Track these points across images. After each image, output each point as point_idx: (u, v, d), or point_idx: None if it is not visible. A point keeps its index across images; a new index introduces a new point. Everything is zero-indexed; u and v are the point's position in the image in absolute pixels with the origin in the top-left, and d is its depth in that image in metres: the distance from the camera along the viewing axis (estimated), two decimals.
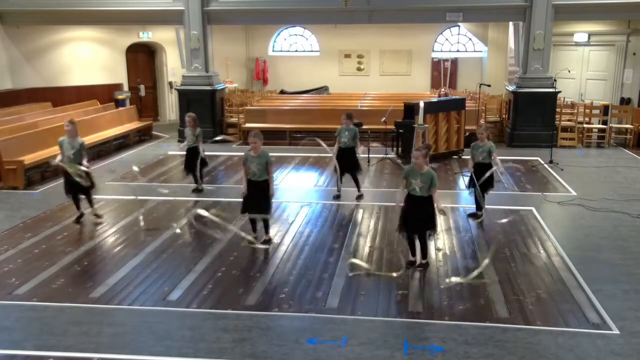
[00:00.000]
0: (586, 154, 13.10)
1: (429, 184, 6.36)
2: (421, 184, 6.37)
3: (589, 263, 6.74)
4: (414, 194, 6.45)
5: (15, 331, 5.24)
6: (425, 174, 6.38)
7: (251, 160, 7.06)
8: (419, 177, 6.38)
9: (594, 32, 15.99)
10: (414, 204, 6.48)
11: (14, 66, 15.03)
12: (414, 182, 6.41)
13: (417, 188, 6.40)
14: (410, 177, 6.45)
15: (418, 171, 6.41)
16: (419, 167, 6.41)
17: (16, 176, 10.13)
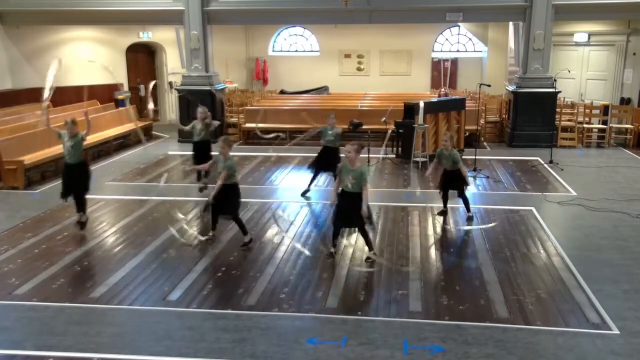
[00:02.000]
0: (586, 154, 13.10)
1: (360, 180, 6.48)
2: (353, 180, 6.50)
3: (589, 263, 6.74)
4: (347, 190, 6.59)
5: (15, 331, 5.24)
6: (356, 170, 6.51)
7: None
8: (351, 174, 6.52)
9: (594, 32, 16.00)
10: (346, 200, 6.62)
11: (14, 66, 15.02)
12: (345, 179, 6.55)
13: (349, 184, 6.53)
14: (343, 173, 6.60)
15: (350, 167, 6.55)
16: (351, 162, 6.54)
17: (16, 176, 10.13)
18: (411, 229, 7.93)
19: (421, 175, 10.85)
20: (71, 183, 7.82)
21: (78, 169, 7.80)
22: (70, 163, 7.75)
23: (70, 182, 7.83)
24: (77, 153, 7.74)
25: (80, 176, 7.83)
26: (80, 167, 7.83)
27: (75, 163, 7.76)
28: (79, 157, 7.79)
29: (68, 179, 7.84)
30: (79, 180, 7.83)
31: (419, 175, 10.91)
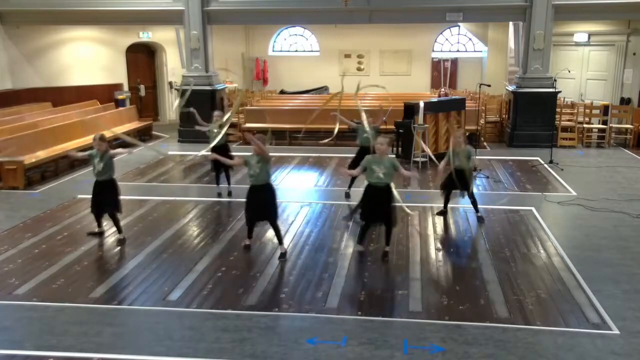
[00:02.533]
0: (586, 154, 13.09)
1: (391, 169, 6.51)
2: (384, 170, 6.51)
3: (589, 263, 6.74)
4: (377, 183, 6.58)
5: (15, 331, 5.24)
6: (385, 160, 6.54)
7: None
8: (381, 164, 6.52)
9: (594, 32, 16.00)
10: (375, 194, 6.61)
11: (14, 66, 15.03)
12: (376, 169, 6.52)
13: (380, 174, 6.52)
14: (373, 164, 6.57)
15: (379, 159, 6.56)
16: (381, 155, 6.56)
17: (16, 176, 10.13)
18: (411, 229, 7.93)
19: (427, 176, 10.84)
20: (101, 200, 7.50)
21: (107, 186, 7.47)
22: (100, 180, 7.45)
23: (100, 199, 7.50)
24: (109, 171, 7.45)
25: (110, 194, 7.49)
26: (110, 183, 7.50)
27: (105, 180, 7.45)
28: (110, 175, 7.48)
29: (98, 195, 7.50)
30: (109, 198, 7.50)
31: (418, 175, 10.89)
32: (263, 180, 6.85)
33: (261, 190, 6.87)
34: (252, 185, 6.93)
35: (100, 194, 7.48)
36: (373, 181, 6.62)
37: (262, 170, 6.79)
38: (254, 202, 6.94)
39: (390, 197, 6.69)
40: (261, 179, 6.83)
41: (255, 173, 6.79)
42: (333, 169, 11.56)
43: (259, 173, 6.79)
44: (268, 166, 6.87)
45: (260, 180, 6.83)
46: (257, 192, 6.89)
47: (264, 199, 6.88)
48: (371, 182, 6.65)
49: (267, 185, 6.91)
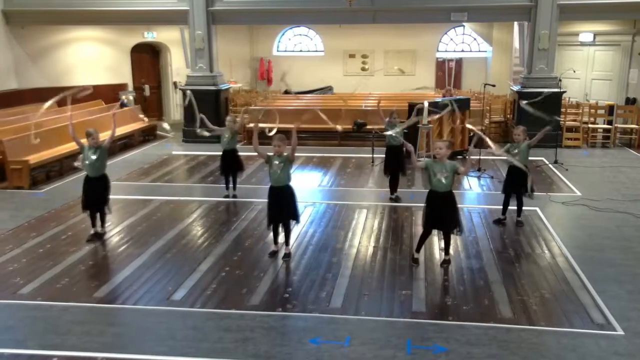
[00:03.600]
0: (591, 154, 13.05)
1: (452, 172, 6.33)
2: (446, 174, 6.34)
3: (593, 263, 6.71)
4: (439, 189, 6.41)
5: (19, 330, 5.26)
6: (447, 163, 6.36)
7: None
8: (443, 167, 6.35)
9: (599, 32, 15.94)
10: (438, 200, 6.45)
11: (19, 66, 15.08)
12: (438, 173, 6.35)
13: (442, 179, 6.35)
14: (435, 169, 6.39)
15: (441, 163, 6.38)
16: (442, 160, 6.38)
17: (21, 176, 10.17)
18: (415, 229, 7.91)
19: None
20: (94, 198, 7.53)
21: (99, 183, 7.50)
22: (92, 177, 7.45)
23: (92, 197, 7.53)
24: (101, 166, 7.47)
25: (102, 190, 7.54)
26: (102, 180, 7.53)
27: (97, 176, 7.46)
28: (102, 170, 7.50)
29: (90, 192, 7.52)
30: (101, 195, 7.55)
31: (422, 175, 10.87)
32: (282, 182, 6.81)
33: (280, 191, 6.83)
34: (272, 187, 6.90)
35: (93, 192, 7.51)
36: (435, 186, 6.45)
37: (283, 171, 6.75)
38: (275, 203, 6.89)
39: (452, 202, 6.52)
40: (281, 180, 6.79)
41: (276, 174, 6.76)
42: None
43: (280, 174, 6.75)
44: (289, 168, 6.85)
45: (280, 181, 6.80)
46: (277, 193, 6.85)
47: (283, 200, 6.84)
48: (433, 188, 6.49)
49: (286, 187, 6.86)
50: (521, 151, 7.82)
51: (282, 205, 6.84)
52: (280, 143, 6.72)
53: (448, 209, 6.50)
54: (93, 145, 7.39)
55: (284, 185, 6.84)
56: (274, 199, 6.87)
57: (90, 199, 7.54)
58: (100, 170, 7.50)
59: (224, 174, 9.53)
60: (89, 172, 7.47)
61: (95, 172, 7.46)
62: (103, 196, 7.58)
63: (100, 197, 7.56)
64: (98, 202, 7.59)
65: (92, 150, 7.39)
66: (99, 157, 7.42)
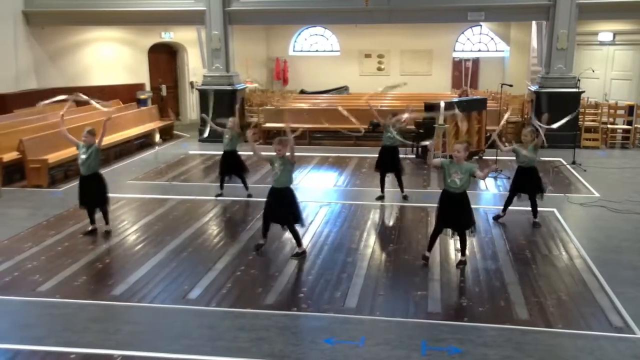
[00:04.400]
0: (610, 154, 12.89)
1: (468, 174, 6.32)
2: (461, 175, 6.33)
3: (612, 265, 6.63)
4: (453, 190, 6.41)
5: (38, 327, 5.32)
6: (462, 165, 6.35)
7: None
8: (458, 169, 6.34)
9: (619, 31, 15.73)
10: (452, 201, 6.45)
11: (39, 66, 15.27)
12: (453, 174, 6.36)
13: (457, 180, 6.35)
14: (450, 169, 6.40)
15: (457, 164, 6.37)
16: (459, 162, 6.36)
17: (40, 175, 10.31)
18: (430, 230, 7.85)
19: None
20: (89, 196, 7.69)
21: (92, 181, 7.64)
22: (84, 174, 7.60)
23: (86, 195, 7.70)
24: (92, 164, 7.59)
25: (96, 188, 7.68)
26: (95, 178, 7.66)
27: (89, 174, 7.60)
28: (94, 169, 7.64)
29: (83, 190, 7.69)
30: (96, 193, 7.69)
31: (438, 176, 10.82)
32: (282, 183, 6.82)
33: (280, 193, 6.85)
34: (272, 187, 6.94)
35: (87, 190, 7.65)
36: (449, 186, 6.46)
37: (284, 172, 6.77)
38: (272, 204, 6.95)
39: (465, 203, 6.50)
40: (281, 181, 6.81)
41: (277, 175, 6.79)
42: (353, 167, 11.52)
43: (280, 175, 6.78)
44: (291, 169, 6.85)
45: (280, 182, 6.82)
46: (276, 194, 6.88)
47: (282, 202, 6.86)
48: (446, 188, 6.51)
49: (286, 189, 6.87)
50: (530, 151, 7.77)
51: (281, 206, 6.88)
52: (281, 146, 6.74)
53: (460, 210, 6.47)
54: (86, 144, 7.55)
55: (285, 187, 6.86)
56: (273, 199, 6.93)
57: (85, 196, 7.71)
58: (92, 168, 7.63)
59: (220, 174, 9.55)
60: (81, 170, 7.65)
61: (87, 170, 7.61)
62: (98, 194, 7.72)
63: (96, 195, 7.71)
64: (94, 200, 7.74)
65: (85, 148, 7.56)
66: (90, 155, 7.56)
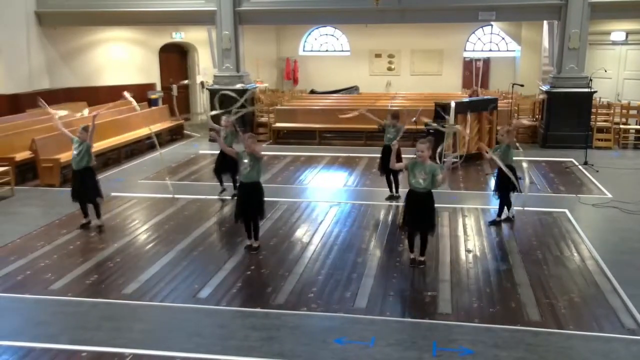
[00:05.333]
0: (622, 155, 12.79)
1: (432, 174, 6.34)
2: (425, 176, 6.36)
3: (625, 267, 6.58)
4: (417, 189, 6.44)
5: (50, 325, 5.36)
6: (427, 165, 6.38)
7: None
8: (423, 169, 6.37)
9: (631, 30, 15.61)
10: (416, 200, 6.48)
11: (52, 66, 15.40)
12: (417, 174, 6.39)
13: (420, 180, 6.38)
14: (415, 169, 6.43)
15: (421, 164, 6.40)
16: (424, 160, 6.39)
17: (52, 174, 10.39)
18: (441, 230, 7.86)
19: (458, 177, 10.75)
20: (80, 189, 7.96)
21: (83, 175, 7.91)
22: (75, 169, 7.90)
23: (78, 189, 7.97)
24: (83, 160, 7.85)
25: (88, 183, 7.94)
26: (86, 173, 7.92)
27: (80, 169, 7.88)
28: (85, 163, 7.89)
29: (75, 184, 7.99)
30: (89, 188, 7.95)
31: (449, 176, 10.78)
32: (252, 179, 6.99)
33: (249, 188, 7.00)
34: (242, 183, 7.11)
35: (80, 184, 7.92)
36: (414, 186, 6.49)
37: (253, 169, 6.93)
38: (242, 200, 7.09)
39: (430, 204, 6.50)
40: (251, 176, 6.97)
41: (246, 171, 6.95)
42: (363, 168, 11.51)
43: (249, 171, 6.93)
44: (259, 165, 6.99)
45: (249, 178, 6.98)
46: (246, 189, 7.03)
47: (250, 196, 7.02)
48: (412, 188, 6.53)
49: (256, 184, 7.03)
50: (502, 151, 7.81)
51: (250, 201, 7.02)
52: (251, 141, 6.88)
53: (424, 210, 6.48)
54: (80, 140, 7.82)
55: (254, 182, 7.01)
56: (241, 195, 7.10)
57: (76, 191, 7.97)
58: (83, 164, 7.87)
59: (215, 173, 9.52)
60: (73, 165, 7.94)
61: (78, 165, 7.88)
62: (90, 188, 7.96)
63: (88, 190, 7.95)
64: (86, 194, 7.99)
65: (77, 144, 7.84)
66: (80, 152, 7.83)
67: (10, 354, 4.86)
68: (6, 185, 9.83)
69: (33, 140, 10.59)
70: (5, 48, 13.91)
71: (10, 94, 13.90)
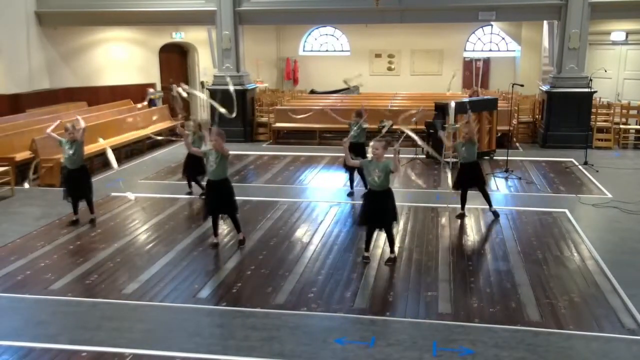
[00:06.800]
0: (622, 155, 12.79)
1: (386, 172, 6.40)
2: (379, 174, 6.42)
3: (625, 267, 6.58)
4: (374, 188, 6.53)
5: (50, 325, 5.36)
6: (380, 163, 6.44)
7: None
8: (377, 167, 6.44)
9: (632, 30, 15.61)
10: (374, 199, 6.56)
11: (52, 66, 15.40)
12: (372, 173, 6.46)
13: (376, 178, 6.45)
14: (370, 168, 6.51)
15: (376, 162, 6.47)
16: (378, 159, 6.45)
17: (52, 174, 10.38)
18: (441, 230, 7.86)
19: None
20: (75, 188, 8.11)
21: (79, 174, 8.08)
22: (71, 168, 8.01)
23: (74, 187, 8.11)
24: (78, 158, 8.01)
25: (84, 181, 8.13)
26: (82, 171, 8.13)
27: (76, 168, 8.03)
28: (80, 162, 8.09)
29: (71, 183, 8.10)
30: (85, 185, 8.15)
31: (450, 176, 10.80)
32: (219, 176, 7.07)
33: (218, 185, 7.08)
34: (210, 180, 7.16)
35: (75, 183, 8.06)
36: (371, 185, 6.62)
37: (219, 165, 6.99)
38: (213, 197, 7.18)
39: (387, 200, 6.59)
40: (217, 173, 7.05)
41: (212, 168, 7.00)
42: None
43: (216, 168, 6.99)
44: (225, 162, 7.07)
45: (216, 175, 7.07)
46: (215, 187, 7.11)
47: (221, 193, 7.10)
48: (369, 186, 6.68)
49: (225, 180, 7.12)
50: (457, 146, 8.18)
51: (221, 198, 7.11)
52: (218, 137, 6.93)
53: (384, 207, 6.55)
54: (70, 140, 7.92)
55: (222, 179, 7.10)
56: (211, 193, 7.19)
57: (71, 189, 8.10)
58: (78, 162, 8.04)
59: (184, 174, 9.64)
60: (67, 164, 8.03)
61: (73, 164, 8.01)
62: (85, 186, 8.16)
63: (83, 187, 8.13)
64: (81, 191, 8.15)
65: (69, 144, 7.93)
66: (76, 150, 7.96)
67: (10, 354, 4.86)
68: (6, 185, 9.83)
69: (33, 140, 10.60)
70: (5, 48, 13.90)
71: (10, 94, 13.90)
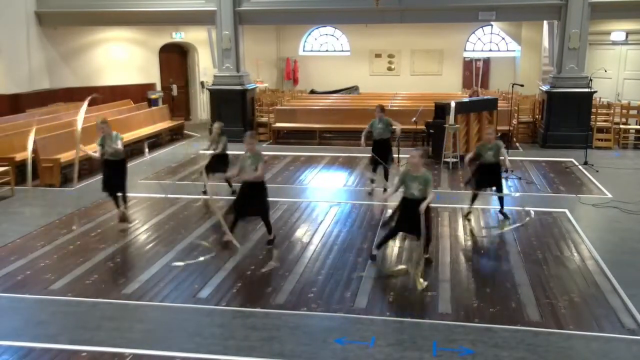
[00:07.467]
0: (622, 155, 12.79)
1: (426, 186, 6.30)
2: (420, 187, 6.31)
3: (625, 267, 6.58)
4: (412, 197, 6.36)
5: (50, 325, 5.36)
6: (420, 176, 6.33)
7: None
8: (416, 180, 6.32)
9: (631, 30, 15.60)
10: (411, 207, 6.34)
11: (52, 66, 15.39)
12: (412, 186, 6.34)
13: (415, 192, 6.33)
14: (408, 180, 6.38)
15: (414, 174, 6.35)
16: (415, 169, 6.35)
17: (52, 174, 10.38)
18: (441, 230, 7.86)
19: (458, 177, 10.75)
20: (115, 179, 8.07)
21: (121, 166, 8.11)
22: (114, 160, 7.97)
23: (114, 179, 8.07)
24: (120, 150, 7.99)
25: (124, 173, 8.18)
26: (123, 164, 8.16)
27: (119, 160, 8.03)
28: (122, 155, 8.09)
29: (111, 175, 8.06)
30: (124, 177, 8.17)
31: (449, 176, 10.82)
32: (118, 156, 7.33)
33: (254, 187, 7.09)
34: (245, 182, 7.16)
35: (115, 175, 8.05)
36: (409, 196, 6.43)
37: (257, 169, 7.02)
38: (247, 198, 7.16)
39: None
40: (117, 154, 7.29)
41: (250, 169, 7.03)
42: (361, 169, 11.51)
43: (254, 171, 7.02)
44: (261, 164, 7.08)
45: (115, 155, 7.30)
46: (250, 189, 7.11)
47: (256, 195, 7.12)
48: (407, 197, 6.46)
49: (261, 182, 7.14)
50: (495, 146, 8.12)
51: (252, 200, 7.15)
52: (253, 141, 7.14)
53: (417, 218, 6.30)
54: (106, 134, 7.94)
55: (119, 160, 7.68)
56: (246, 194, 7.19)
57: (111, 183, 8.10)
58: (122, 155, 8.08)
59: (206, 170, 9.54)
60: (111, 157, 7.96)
61: (117, 156, 7.99)
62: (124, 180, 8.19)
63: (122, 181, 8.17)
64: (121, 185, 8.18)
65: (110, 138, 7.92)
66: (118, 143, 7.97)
67: (10, 354, 4.86)
68: (6, 185, 9.82)
69: (34, 140, 10.57)
70: (5, 48, 13.90)
71: (10, 94, 13.90)
